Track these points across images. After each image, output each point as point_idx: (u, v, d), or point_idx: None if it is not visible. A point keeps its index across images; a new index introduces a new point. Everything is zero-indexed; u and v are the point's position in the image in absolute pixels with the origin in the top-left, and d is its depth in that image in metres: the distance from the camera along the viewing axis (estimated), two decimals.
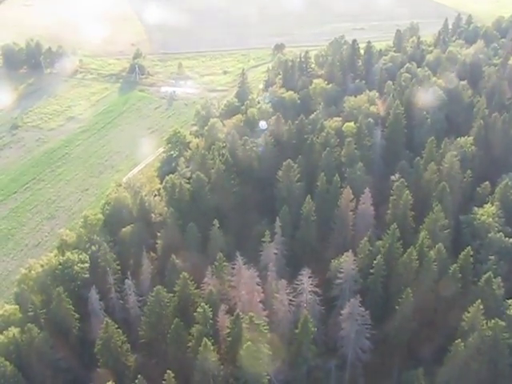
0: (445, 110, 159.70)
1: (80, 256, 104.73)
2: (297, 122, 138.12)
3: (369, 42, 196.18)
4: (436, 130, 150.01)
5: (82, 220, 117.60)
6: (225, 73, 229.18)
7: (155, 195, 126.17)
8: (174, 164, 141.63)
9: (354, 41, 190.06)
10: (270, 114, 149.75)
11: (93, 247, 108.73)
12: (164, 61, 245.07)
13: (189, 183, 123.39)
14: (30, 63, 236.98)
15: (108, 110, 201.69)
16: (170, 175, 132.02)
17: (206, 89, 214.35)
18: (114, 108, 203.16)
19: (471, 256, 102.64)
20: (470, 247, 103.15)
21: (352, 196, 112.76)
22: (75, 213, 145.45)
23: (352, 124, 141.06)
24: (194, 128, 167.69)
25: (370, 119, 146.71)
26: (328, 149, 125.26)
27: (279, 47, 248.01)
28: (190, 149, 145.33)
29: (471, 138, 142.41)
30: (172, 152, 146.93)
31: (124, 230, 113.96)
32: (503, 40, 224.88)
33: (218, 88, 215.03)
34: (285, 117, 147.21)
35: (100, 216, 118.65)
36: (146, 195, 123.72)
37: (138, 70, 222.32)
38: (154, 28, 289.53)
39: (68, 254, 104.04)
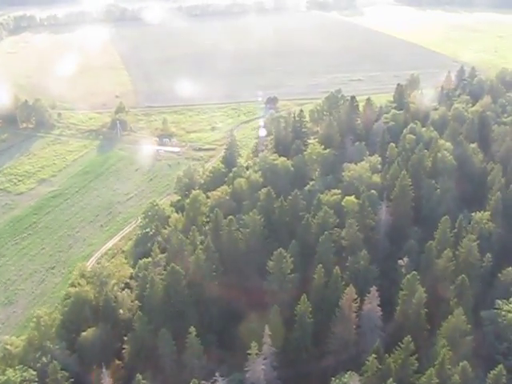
0: (455, 177, 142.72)
1: (25, 374, 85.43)
2: (290, 197, 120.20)
3: (368, 99, 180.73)
4: (446, 201, 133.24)
5: (34, 320, 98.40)
6: (213, 129, 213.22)
7: (124, 288, 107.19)
8: (149, 244, 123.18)
9: (353, 98, 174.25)
10: (259, 185, 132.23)
11: (43, 359, 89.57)
12: (149, 115, 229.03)
13: (164, 273, 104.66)
14: (5, 117, 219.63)
15: (84, 172, 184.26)
16: (144, 260, 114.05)
17: (191, 147, 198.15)
18: (92, 169, 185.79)
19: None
20: (501, 366, 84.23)
21: (356, 295, 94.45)
22: (37, 297, 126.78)
23: (353, 199, 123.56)
24: (176, 198, 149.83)
25: (373, 191, 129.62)
26: (326, 233, 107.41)
27: (272, 100, 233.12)
28: (168, 225, 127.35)
29: (488, 213, 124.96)
30: (148, 229, 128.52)
31: (84, 334, 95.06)
32: (509, 94, 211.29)
33: (205, 146, 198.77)
34: (276, 188, 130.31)
35: (56, 315, 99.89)
36: (113, 287, 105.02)
37: (119, 127, 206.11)
38: (140, 78, 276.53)
39: (9, 372, 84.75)
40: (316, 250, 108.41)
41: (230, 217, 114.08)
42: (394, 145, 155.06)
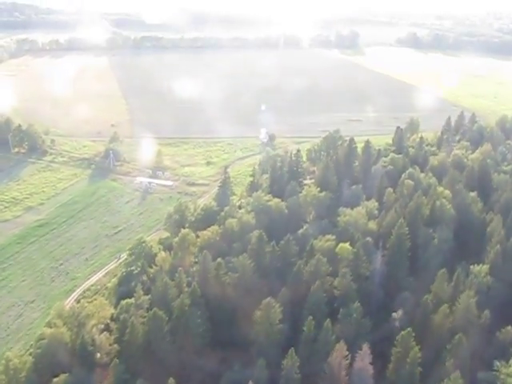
0: (453, 226, 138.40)
1: None
2: (282, 241, 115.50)
3: (367, 142, 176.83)
4: (443, 252, 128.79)
5: (2, 363, 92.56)
6: (208, 164, 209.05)
7: (103, 330, 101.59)
8: (133, 283, 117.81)
9: (352, 140, 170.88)
10: (251, 227, 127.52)
11: None
12: (143, 146, 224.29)
13: (146, 316, 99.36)
14: None
15: (73, 201, 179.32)
16: (127, 300, 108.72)
17: (185, 182, 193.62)
18: (81, 199, 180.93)
19: None
20: None
21: (346, 352, 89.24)
22: (12, 333, 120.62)
23: (347, 246, 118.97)
24: (165, 234, 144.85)
25: (369, 238, 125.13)
26: (318, 282, 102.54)
27: (270, 138, 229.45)
28: (155, 264, 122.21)
29: (486, 266, 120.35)
30: (133, 267, 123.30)
31: (56, 380, 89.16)
32: (509, 142, 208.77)
33: (199, 181, 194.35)
34: (269, 230, 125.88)
35: (28, 358, 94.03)
36: (92, 328, 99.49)
37: (112, 157, 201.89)
38: (137, 108, 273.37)
39: None
40: (307, 299, 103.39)
41: (219, 260, 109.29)
42: (391, 190, 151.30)
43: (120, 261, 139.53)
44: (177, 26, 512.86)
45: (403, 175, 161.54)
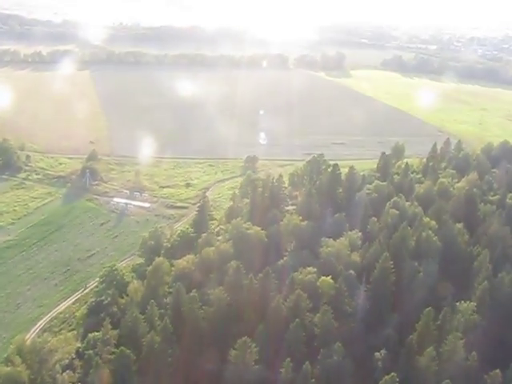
0: (439, 259, 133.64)
1: None
2: (261, 274, 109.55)
3: (351, 168, 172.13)
4: (428, 286, 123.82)
5: None
6: (187, 185, 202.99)
7: (66, 367, 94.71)
8: (103, 314, 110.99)
9: (336, 166, 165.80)
10: (229, 256, 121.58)
11: None
12: (122, 165, 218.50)
13: (114, 353, 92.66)
14: None
15: (45, 222, 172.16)
16: (94, 334, 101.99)
17: (163, 204, 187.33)
18: (54, 219, 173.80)
19: None
20: None
21: None
22: None
23: (329, 280, 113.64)
24: (139, 261, 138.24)
25: (352, 271, 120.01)
26: (297, 320, 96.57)
27: (251, 160, 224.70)
28: (126, 294, 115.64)
29: (473, 303, 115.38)
30: (103, 297, 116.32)
31: None
32: (495, 170, 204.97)
33: (178, 204, 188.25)
34: (248, 260, 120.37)
35: None
36: (55, 365, 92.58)
37: (88, 176, 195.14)
38: (118, 125, 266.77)
39: None
40: (285, 337, 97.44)
41: (193, 293, 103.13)
42: (375, 219, 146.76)
43: (86, 291, 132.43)
44: (162, 41, 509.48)
45: (388, 204, 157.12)
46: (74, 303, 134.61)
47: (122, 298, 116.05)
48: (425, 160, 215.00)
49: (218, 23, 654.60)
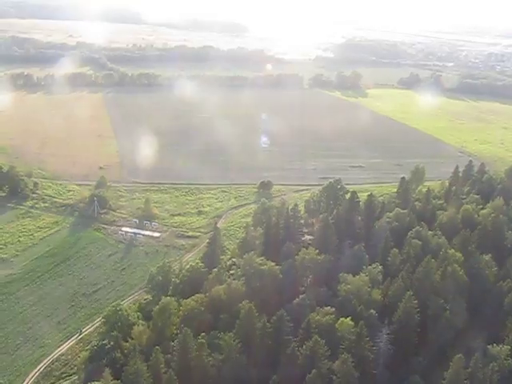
0: (466, 295, 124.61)
1: None
2: (275, 317, 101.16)
3: (370, 195, 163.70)
4: (456, 326, 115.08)
5: None
6: (199, 213, 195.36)
7: None
8: (105, 360, 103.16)
9: (354, 194, 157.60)
10: (241, 295, 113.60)
11: None
12: (132, 191, 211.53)
13: None
14: None
15: (51, 253, 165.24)
16: (94, 383, 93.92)
17: (173, 233, 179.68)
18: (60, 251, 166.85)
19: None
20: None
21: None
22: None
23: (349, 321, 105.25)
24: (146, 299, 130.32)
25: (372, 311, 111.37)
26: (315, 371, 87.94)
27: (265, 185, 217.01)
28: (131, 337, 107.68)
29: (507, 347, 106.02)
30: (106, 341, 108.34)
31: None
32: None
33: (189, 233, 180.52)
34: (261, 298, 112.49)
35: None
36: None
37: (96, 204, 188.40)
38: (128, 150, 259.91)
39: None
40: None
41: (201, 339, 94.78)
42: (397, 251, 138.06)
43: (81, 336, 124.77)
44: (175, 62, 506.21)
45: (410, 233, 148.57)
46: (77, 343, 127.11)
47: (127, 341, 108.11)
48: (447, 184, 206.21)
49: (232, 43, 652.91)
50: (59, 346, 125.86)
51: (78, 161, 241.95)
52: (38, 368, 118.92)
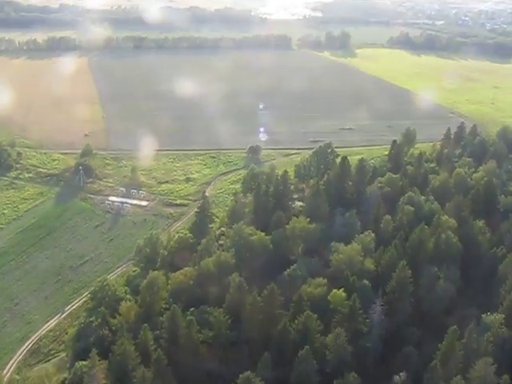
0: (459, 263, 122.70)
1: None
2: (266, 291, 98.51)
3: (362, 160, 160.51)
4: (450, 295, 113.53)
5: None
6: (187, 180, 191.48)
7: None
8: (92, 338, 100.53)
9: (344, 159, 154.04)
10: (231, 268, 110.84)
11: None
12: (118, 159, 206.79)
13: None
14: None
15: (36, 226, 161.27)
16: (81, 364, 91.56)
17: (161, 202, 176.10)
18: (45, 222, 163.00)
19: None
20: None
21: None
22: None
23: (341, 293, 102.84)
24: (135, 271, 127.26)
25: (366, 281, 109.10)
26: (307, 348, 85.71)
27: (254, 150, 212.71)
28: (118, 314, 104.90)
29: (501, 315, 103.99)
30: (93, 318, 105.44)
31: None
32: None
33: (177, 201, 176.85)
34: (251, 270, 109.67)
35: None
36: None
37: (82, 173, 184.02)
38: (115, 116, 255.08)
39: None
40: (293, 367, 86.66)
41: (190, 317, 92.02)
42: (389, 218, 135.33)
43: (64, 315, 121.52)
44: (161, 25, 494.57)
45: (402, 199, 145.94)
46: (65, 318, 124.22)
47: (115, 317, 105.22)
48: (438, 146, 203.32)
49: (219, 3, 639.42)
50: (47, 322, 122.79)
51: (62, 128, 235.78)
52: (25, 345, 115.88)
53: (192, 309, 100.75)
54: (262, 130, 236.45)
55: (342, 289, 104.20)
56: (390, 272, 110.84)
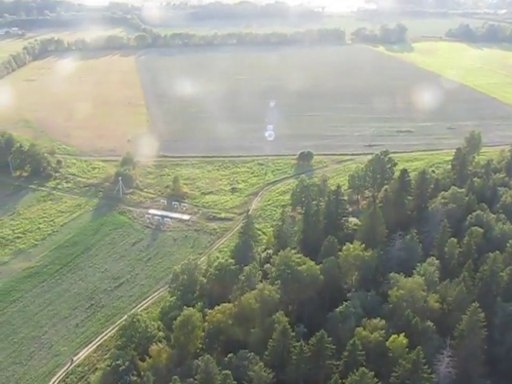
0: None
1: None
2: (314, 339, 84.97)
3: (423, 173, 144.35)
4: None
5: None
6: (233, 190, 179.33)
7: None
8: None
9: (405, 172, 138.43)
10: (275, 304, 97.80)
11: None
12: (161, 167, 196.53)
13: None
14: None
15: (72, 242, 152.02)
16: None
17: (204, 215, 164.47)
18: (81, 239, 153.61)
19: None
20: None
21: None
22: None
23: (402, 340, 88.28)
24: (171, 301, 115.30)
25: (430, 323, 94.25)
26: None
27: (305, 156, 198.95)
28: (148, 355, 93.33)
29: None
30: (120, 361, 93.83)
31: None
32: None
33: (221, 215, 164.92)
34: (298, 307, 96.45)
35: None
36: None
37: (121, 184, 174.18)
38: (159, 120, 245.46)
39: None
40: None
41: (226, 372, 79.43)
42: (455, 242, 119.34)
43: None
44: (211, 20, 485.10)
45: (469, 218, 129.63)
46: (95, 351, 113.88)
47: (144, 359, 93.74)
48: (507, 153, 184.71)
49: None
50: (76, 355, 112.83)
51: (105, 133, 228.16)
52: (51, 382, 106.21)
53: (230, 355, 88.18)
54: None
55: (403, 333, 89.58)
56: (459, 312, 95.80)
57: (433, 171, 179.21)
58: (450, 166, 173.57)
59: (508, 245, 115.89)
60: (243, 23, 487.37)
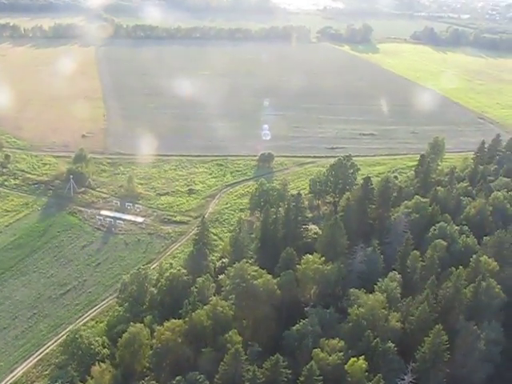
0: (502, 317, 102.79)
1: None
2: (269, 363, 79.25)
3: (386, 181, 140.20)
4: (493, 359, 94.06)
5: None
6: (190, 192, 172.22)
7: None
8: None
9: (367, 180, 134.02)
10: (228, 321, 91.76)
11: None
12: (115, 165, 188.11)
13: None
14: None
15: (16, 245, 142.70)
16: None
17: (159, 218, 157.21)
18: (27, 241, 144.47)
19: None
20: None
21: None
22: None
23: (362, 364, 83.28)
24: (119, 311, 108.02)
25: (391, 344, 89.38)
26: None
27: (266, 158, 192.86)
28: (90, 377, 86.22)
29: None
30: (58, 383, 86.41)
31: None
32: None
33: (176, 218, 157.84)
34: (253, 325, 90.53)
35: None
36: None
37: (72, 183, 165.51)
38: (117, 114, 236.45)
39: None
40: None
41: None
42: (418, 255, 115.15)
43: (34, 361, 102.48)
44: (174, 13, 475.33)
45: (432, 229, 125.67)
46: (35, 366, 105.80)
47: (85, 381, 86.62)
48: (470, 160, 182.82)
49: None
50: (13, 371, 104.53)
51: (58, 127, 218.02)
52: None
53: (178, 377, 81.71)
54: (266, 127, 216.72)
55: (363, 356, 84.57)
56: (421, 333, 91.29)
57: (395, 177, 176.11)
58: (413, 173, 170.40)
59: (472, 260, 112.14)
60: (208, 17, 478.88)
